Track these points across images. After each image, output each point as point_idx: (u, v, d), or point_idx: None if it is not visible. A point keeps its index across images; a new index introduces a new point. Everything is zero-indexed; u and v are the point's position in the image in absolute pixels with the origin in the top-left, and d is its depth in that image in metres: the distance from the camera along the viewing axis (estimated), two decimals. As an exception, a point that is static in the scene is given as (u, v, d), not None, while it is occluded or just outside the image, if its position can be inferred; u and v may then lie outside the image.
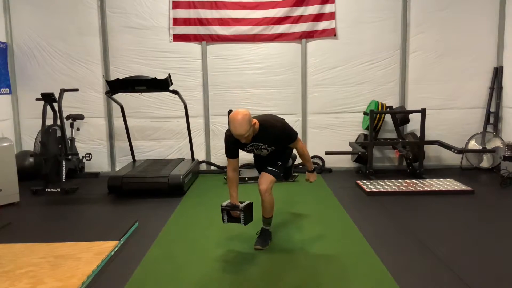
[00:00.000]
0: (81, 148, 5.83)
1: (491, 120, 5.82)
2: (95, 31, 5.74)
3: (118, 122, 5.86)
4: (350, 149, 5.68)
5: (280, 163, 3.26)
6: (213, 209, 4.26)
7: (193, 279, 2.73)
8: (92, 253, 3.04)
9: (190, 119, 5.58)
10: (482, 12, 5.71)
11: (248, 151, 3.21)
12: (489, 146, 5.67)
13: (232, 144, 3.07)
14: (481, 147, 5.73)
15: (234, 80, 5.90)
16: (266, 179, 3.18)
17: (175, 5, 5.72)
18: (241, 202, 3.17)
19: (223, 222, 3.20)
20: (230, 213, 3.15)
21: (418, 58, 5.82)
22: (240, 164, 5.41)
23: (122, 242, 3.33)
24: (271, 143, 3.11)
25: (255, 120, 2.94)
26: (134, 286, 2.65)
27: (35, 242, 3.30)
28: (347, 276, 2.72)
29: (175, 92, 5.11)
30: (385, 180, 5.10)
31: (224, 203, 3.18)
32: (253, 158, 3.57)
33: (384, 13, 5.76)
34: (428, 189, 4.70)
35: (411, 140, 5.58)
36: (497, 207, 4.20)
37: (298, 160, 5.91)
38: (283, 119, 3.24)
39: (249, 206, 3.18)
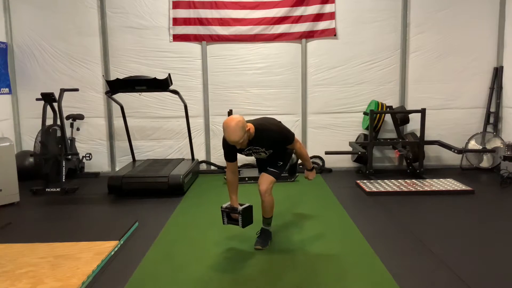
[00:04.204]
0: (81, 148, 5.83)
1: (491, 120, 5.82)
2: (95, 31, 5.74)
3: (118, 122, 5.86)
4: (350, 149, 5.68)
5: (281, 163, 3.26)
6: (213, 209, 4.26)
7: (193, 279, 2.73)
8: (92, 253, 3.04)
9: (190, 119, 5.58)
10: (482, 12, 5.71)
11: (247, 155, 3.23)
12: (489, 146, 5.67)
13: (229, 148, 3.08)
14: (481, 147, 5.73)
15: (234, 80, 5.90)
16: (266, 179, 3.19)
17: (175, 5, 5.71)
18: (241, 205, 3.19)
19: (223, 223, 3.25)
20: (230, 215, 3.18)
21: (418, 58, 5.82)
22: (240, 164, 5.46)
23: (122, 242, 3.33)
24: (268, 146, 3.12)
25: (249, 125, 2.93)
26: (134, 286, 2.65)
27: (35, 242, 3.30)
28: (347, 276, 2.72)
29: (175, 92, 5.11)
30: (385, 180, 5.10)
31: (224, 205, 3.22)
32: (254, 159, 3.57)
33: (384, 13, 5.76)
34: (428, 189, 4.70)
35: (411, 140, 5.58)
36: (497, 207, 4.20)
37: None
38: (279, 122, 3.24)
39: (248, 209, 3.20)
